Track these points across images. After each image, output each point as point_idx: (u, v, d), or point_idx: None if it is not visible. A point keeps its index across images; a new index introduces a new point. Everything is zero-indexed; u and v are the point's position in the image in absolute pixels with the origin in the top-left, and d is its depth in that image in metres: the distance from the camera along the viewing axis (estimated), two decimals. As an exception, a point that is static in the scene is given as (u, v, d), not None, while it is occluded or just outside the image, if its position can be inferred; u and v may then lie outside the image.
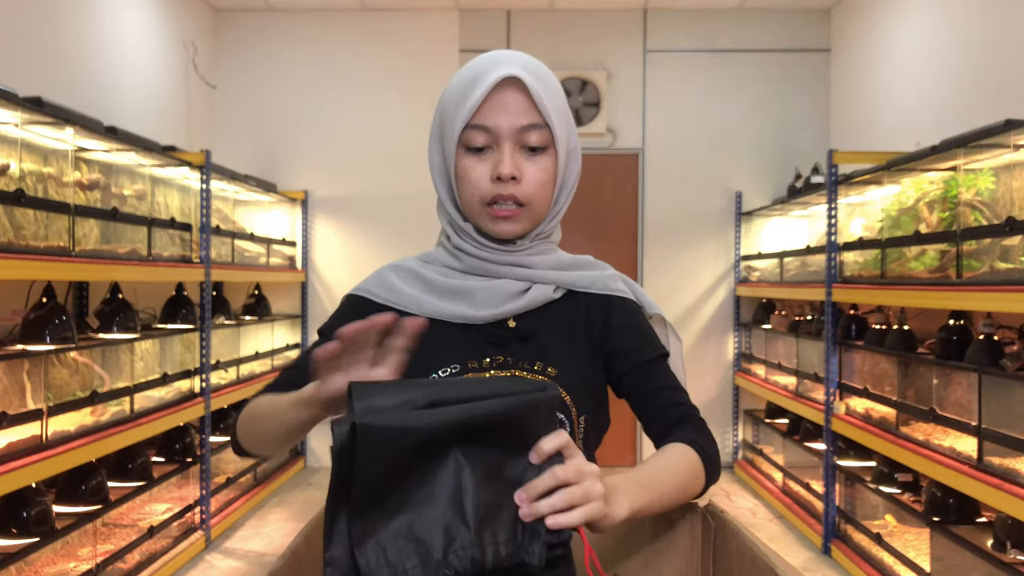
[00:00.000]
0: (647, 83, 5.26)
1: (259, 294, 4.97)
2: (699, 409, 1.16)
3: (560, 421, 1.07)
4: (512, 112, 1.05)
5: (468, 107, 1.04)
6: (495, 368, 1.07)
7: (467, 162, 1.07)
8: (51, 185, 2.68)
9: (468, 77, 1.06)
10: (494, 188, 1.05)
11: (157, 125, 4.39)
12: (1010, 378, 2.42)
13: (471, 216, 1.09)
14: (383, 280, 1.14)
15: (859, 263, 3.51)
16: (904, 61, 4.23)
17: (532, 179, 1.06)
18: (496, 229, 1.08)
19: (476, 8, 5.19)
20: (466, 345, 1.08)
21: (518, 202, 1.06)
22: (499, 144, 1.05)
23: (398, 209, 5.16)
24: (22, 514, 2.56)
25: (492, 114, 1.04)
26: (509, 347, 1.09)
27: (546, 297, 1.11)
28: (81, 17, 3.74)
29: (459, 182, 1.08)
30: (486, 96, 1.04)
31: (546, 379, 1.07)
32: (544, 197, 1.09)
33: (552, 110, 1.06)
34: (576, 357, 1.11)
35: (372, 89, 5.24)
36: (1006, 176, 2.65)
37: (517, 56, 1.07)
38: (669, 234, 5.25)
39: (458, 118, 1.05)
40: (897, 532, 3.17)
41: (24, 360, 2.50)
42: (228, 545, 3.76)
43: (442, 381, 0.90)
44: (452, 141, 1.06)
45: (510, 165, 1.04)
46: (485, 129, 1.05)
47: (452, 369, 1.07)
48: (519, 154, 1.06)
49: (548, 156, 1.08)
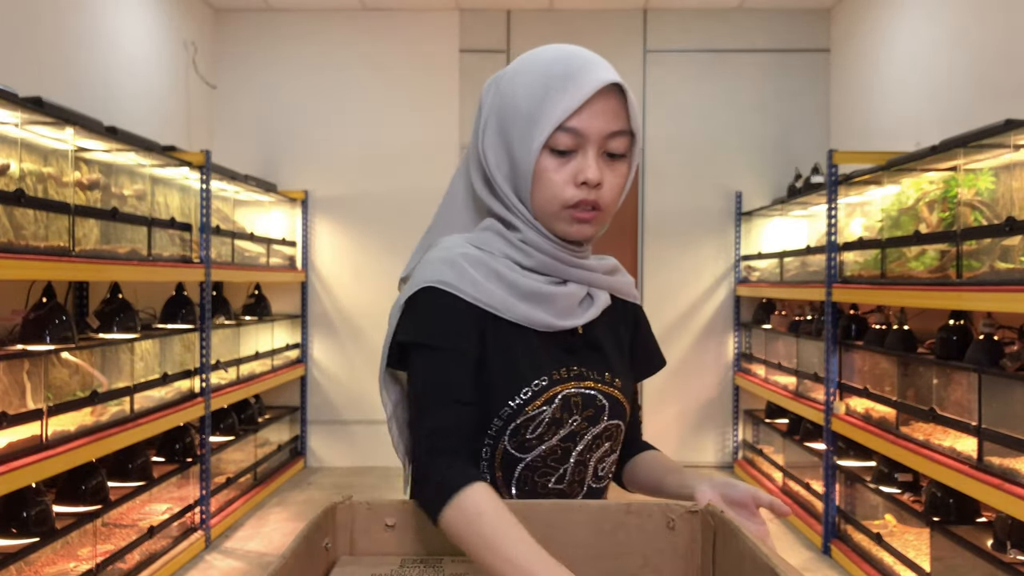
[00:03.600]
0: (647, 83, 5.26)
1: (259, 294, 4.97)
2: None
3: (620, 429, 1.12)
4: (605, 119, 1.02)
5: (563, 109, 0.99)
6: (573, 379, 1.07)
7: (549, 163, 1.03)
8: (51, 185, 2.68)
9: (559, 72, 1.01)
10: (578, 193, 1.02)
11: (157, 125, 4.39)
12: (1010, 378, 2.42)
13: (543, 216, 1.06)
14: (463, 273, 1.03)
15: (859, 263, 3.51)
16: (904, 61, 4.23)
17: (612, 186, 1.05)
18: (573, 231, 1.06)
19: (476, 8, 5.19)
20: (548, 354, 1.07)
21: (596, 207, 1.05)
22: (584, 149, 1.02)
23: (398, 209, 5.15)
24: (22, 514, 2.56)
25: (585, 118, 1.00)
26: (580, 355, 1.09)
27: (607, 304, 1.12)
28: (81, 17, 3.74)
29: (537, 183, 1.04)
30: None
31: (614, 390, 1.10)
32: (617, 202, 1.08)
33: (637, 118, 1.05)
34: (625, 364, 1.16)
35: (372, 89, 5.24)
36: (1006, 176, 2.65)
37: (600, 58, 1.04)
38: (669, 234, 5.25)
39: (547, 119, 1.00)
40: (897, 532, 3.17)
41: (24, 360, 2.50)
42: (228, 545, 3.76)
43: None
44: (533, 142, 1.01)
45: (596, 171, 1.02)
46: (576, 133, 1.01)
47: (542, 382, 1.05)
48: (601, 160, 1.03)
49: (625, 164, 1.06)
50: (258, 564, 3.51)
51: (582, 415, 1.06)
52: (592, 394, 1.07)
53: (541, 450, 1.05)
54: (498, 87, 1.07)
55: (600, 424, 1.08)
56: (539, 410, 1.04)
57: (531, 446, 1.05)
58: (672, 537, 0.93)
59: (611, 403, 1.09)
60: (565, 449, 1.06)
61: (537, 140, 1.01)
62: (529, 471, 1.06)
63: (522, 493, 1.07)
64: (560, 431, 1.05)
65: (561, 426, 1.05)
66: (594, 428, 1.07)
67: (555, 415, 1.05)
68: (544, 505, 0.94)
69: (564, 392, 1.06)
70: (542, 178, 1.03)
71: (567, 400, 1.06)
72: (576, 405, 1.06)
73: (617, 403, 1.10)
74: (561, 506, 0.95)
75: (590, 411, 1.07)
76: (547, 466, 1.06)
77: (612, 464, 1.13)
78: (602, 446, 1.09)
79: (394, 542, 0.95)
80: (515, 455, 1.05)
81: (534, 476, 1.07)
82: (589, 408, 1.07)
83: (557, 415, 1.05)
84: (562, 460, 1.06)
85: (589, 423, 1.07)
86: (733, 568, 0.82)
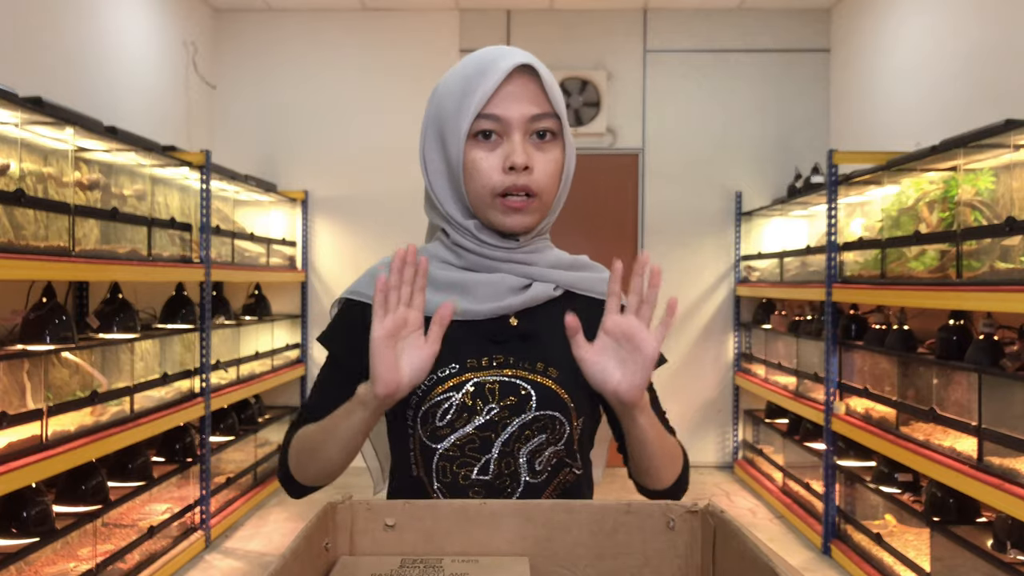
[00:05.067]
0: (647, 83, 5.26)
1: (259, 294, 4.97)
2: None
3: (559, 422, 1.07)
4: (523, 101, 1.03)
5: (478, 97, 1.02)
6: (496, 367, 1.06)
7: (477, 154, 1.04)
8: (51, 185, 2.68)
9: (473, 69, 1.04)
10: (507, 179, 1.03)
11: (157, 125, 4.39)
12: (1010, 378, 2.42)
13: (479, 210, 1.07)
14: (376, 280, 1.11)
15: (859, 263, 3.51)
16: (904, 61, 4.23)
17: (543, 169, 1.05)
18: (507, 221, 1.06)
19: (476, 8, 5.19)
20: (466, 343, 1.07)
21: (529, 193, 1.05)
22: (509, 134, 1.04)
23: (398, 209, 5.16)
24: (22, 514, 2.56)
25: (503, 103, 1.03)
26: (510, 345, 1.08)
27: (547, 295, 1.10)
28: (81, 17, 3.74)
29: (468, 175, 1.06)
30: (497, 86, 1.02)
31: (547, 379, 1.07)
32: (553, 188, 1.08)
33: (559, 101, 1.06)
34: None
35: (372, 89, 5.24)
36: (1006, 176, 2.65)
37: (518, 49, 1.06)
38: (669, 234, 5.25)
39: (467, 110, 1.03)
40: (897, 532, 3.17)
41: (24, 360, 2.50)
42: (228, 545, 3.76)
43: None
44: (460, 134, 1.04)
45: (523, 155, 1.03)
46: (496, 119, 1.03)
47: (451, 369, 1.05)
48: (529, 144, 1.04)
49: (556, 147, 1.07)
50: (258, 564, 3.51)
51: (500, 403, 1.05)
52: (513, 382, 1.06)
53: (454, 438, 1.05)
54: (432, 96, 1.11)
55: (526, 414, 1.05)
56: (446, 395, 1.05)
57: (443, 434, 1.05)
58: (672, 537, 0.93)
59: (541, 393, 1.06)
60: (485, 439, 1.05)
61: (461, 131, 1.04)
62: (446, 461, 1.06)
63: (444, 485, 1.06)
64: (475, 419, 1.05)
65: (475, 413, 1.05)
66: (518, 418, 1.05)
67: (465, 401, 1.05)
68: (544, 505, 0.94)
69: (476, 379, 1.05)
70: (472, 169, 1.05)
71: (480, 387, 1.05)
72: (492, 392, 1.05)
73: (550, 393, 1.06)
74: (561, 506, 0.95)
75: (511, 399, 1.05)
76: (465, 455, 1.05)
77: (554, 458, 1.08)
78: (534, 438, 1.06)
79: (394, 542, 0.95)
80: (429, 445, 1.06)
81: (453, 466, 1.06)
82: (510, 396, 1.05)
83: (468, 402, 1.05)
84: (482, 450, 1.05)
85: (511, 412, 1.05)
86: (733, 568, 0.82)
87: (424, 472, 1.07)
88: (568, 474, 1.10)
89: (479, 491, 1.06)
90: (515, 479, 1.06)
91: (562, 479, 1.10)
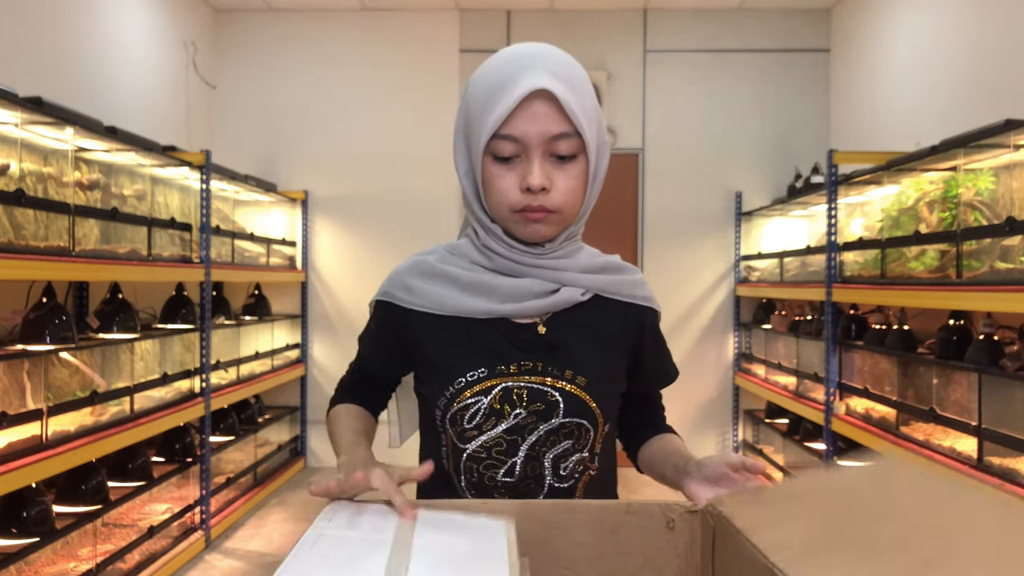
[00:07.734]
0: (647, 83, 5.26)
1: (259, 294, 4.97)
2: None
3: (585, 428, 1.09)
4: (541, 122, 1.00)
5: (495, 117, 0.99)
6: (525, 374, 1.07)
7: (495, 170, 1.03)
8: (51, 185, 2.68)
9: (496, 81, 1.01)
10: (523, 199, 1.02)
11: (157, 125, 4.39)
12: (1010, 378, 2.42)
13: (499, 220, 1.06)
14: (403, 282, 1.13)
15: (859, 263, 3.51)
16: (904, 61, 4.23)
17: (562, 188, 1.03)
18: (527, 232, 1.05)
19: (476, 8, 5.19)
20: (495, 348, 1.07)
21: (547, 211, 1.03)
22: (528, 154, 1.01)
23: (398, 209, 5.16)
24: (22, 514, 2.56)
25: (521, 124, 1.00)
26: (538, 352, 1.08)
27: (573, 300, 1.09)
28: (81, 17, 3.74)
29: (486, 189, 1.05)
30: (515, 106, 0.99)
31: (576, 387, 1.07)
32: (574, 203, 1.06)
33: (582, 115, 1.01)
34: (605, 366, 1.11)
35: (372, 89, 5.24)
36: (1006, 176, 2.65)
37: (545, 57, 1.01)
38: (669, 234, 5.25)
39: (485, 127, 1.01)
40: (897, 532, 3.16)
41: (24, 360, 2.50)
42: (228, 545, 3.76)
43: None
44: (478, 148, 1.02)
45: (540, 176, 1.00)
46: (513, 139, 1.00)
47: (480, 373, 1.06)
48: (548, 163, 1.02)
49: (578, 163, 1.04)
50: (258, 564, 3.51)
51: (528, 409, 1.06)
52: (542, 389, 1.07)
53: (482, 441, 1.07)
54: (464, 93, 1.08)
55: (553, 420, 1.07)
56: (475, 399, 1.06)
57: (471, 436, 1.07)
58: (672, 537, 0.93)
59: (568, 401, 1.07)
60: (511, 442, 1.07)
61: (476, 146, 1.03)
62: (473, 462, 1.08)
63: (471, 484, 1.08)
64: (502, 423, 1.06)
65: (502, 417, 1.06)
66: (546, 424, 1.07)
67: (493, 406, 1.06)
68: (544, 505, 0.94)
69: (504, 384, 1.06)
70: (490, 185, 1.04)
71: (508, 392, 1.06)
72: (520, 398, 1.06)
73: (577, 401, 1.07)
74: (561, 506, 0.95)
75: (539, 406, 1.06)
76: (492, 458, 1.07)
77: (580, 465, 1.10)
78: (560, 443, 1.08)
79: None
80: (458, 445, 1.08)
81: (479, 467, 1.08)
82: (537, 403, 1.06)
83: (496, 406, 1.06)
84: (509, 453, 1.07)
85: (539, 418, 1.06)
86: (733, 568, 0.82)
87: (453, 469, 1.10)
88: (591, 476, 1.13)
89: (504, 492, 1.08)
90: (540, 482, 1.08)
91: (586, 481, 1.12)
